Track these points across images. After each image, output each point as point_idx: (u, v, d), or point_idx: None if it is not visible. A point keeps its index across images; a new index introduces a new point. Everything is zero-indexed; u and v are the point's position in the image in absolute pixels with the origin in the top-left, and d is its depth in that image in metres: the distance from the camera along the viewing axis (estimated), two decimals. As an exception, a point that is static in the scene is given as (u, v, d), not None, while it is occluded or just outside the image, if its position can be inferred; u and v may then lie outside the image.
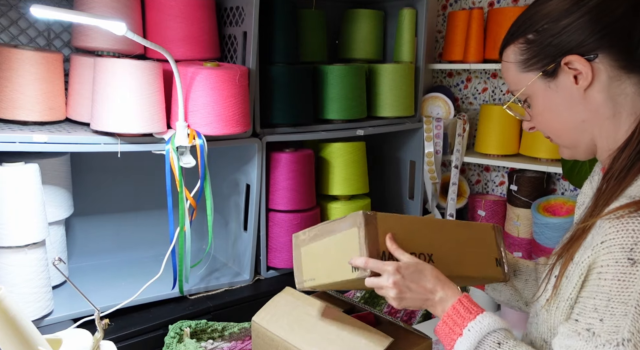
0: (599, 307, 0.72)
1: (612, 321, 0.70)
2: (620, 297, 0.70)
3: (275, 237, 1.78)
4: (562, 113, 0.86)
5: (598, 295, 0.73)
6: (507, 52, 0.91)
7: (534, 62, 0.86)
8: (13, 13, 1.57)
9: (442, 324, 0.89)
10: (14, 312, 0.89)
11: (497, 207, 2.28)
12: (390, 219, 0.99)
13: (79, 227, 1.76)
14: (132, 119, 1.37)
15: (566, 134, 0.89)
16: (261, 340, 1.29)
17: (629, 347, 0.69)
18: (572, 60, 0.81)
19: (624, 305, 0.70)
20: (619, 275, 0.70)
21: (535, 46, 0.85)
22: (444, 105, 2.31)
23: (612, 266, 0.71)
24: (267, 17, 1.73)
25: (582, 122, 0.85)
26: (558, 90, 0.85)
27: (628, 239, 0.70)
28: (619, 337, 0.70)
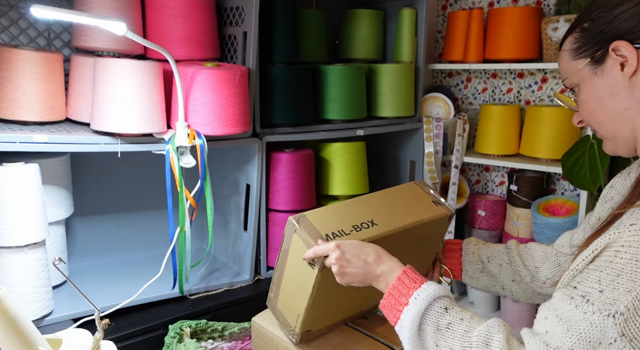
0: (603, 280, 0.71)
1: (612, 294, 0.69)
2: (630, 276, 0.68)
3: (275, 237, 1.78)
4: (605, 100, 0.86)
5: (606, 270, 0.71)
6: (565, 42, 0.93)
7: (584, 49, 0.87)
8: (13, 13, 1.57)
9: (388, 296, 0.90)
10: (14, 312, 0.89)
11: (497, 207, 2.28)
12: (320, 211, 1.07)
13: (79, 227, 1.76)
14: (132, 119, 1.37)
15: (607, 123, 0.88)
16: (261, 340, 1.29)
17: (620, 320, 0.67)
18: (620, 46, 0.82)
19: (632, 283, 0.68)
20: (638, 256, 0.69)
21: (588, 34, 0.87)
22: (444, 105, 2.31)
23: (634, 247, 0.70)
24: (267, 17, 1.73)
25: (624, 111, 0.85)
26: (604, 76, 0.85)
27: None
28: (613, 308, 0.68)
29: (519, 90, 2.29)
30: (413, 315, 0.84)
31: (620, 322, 0.67)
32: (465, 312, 0.84)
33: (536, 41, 2.10)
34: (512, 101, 2.32)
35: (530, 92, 2.26)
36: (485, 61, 2.21)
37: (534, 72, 2.24)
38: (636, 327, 0.67)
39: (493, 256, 1.21)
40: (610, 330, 0.67)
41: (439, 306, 0.85)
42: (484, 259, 1.21)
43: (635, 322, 0.67)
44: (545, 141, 2.03)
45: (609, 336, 0.67)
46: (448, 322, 0.83)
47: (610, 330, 0.67)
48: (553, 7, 2.15)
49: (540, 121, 2.04)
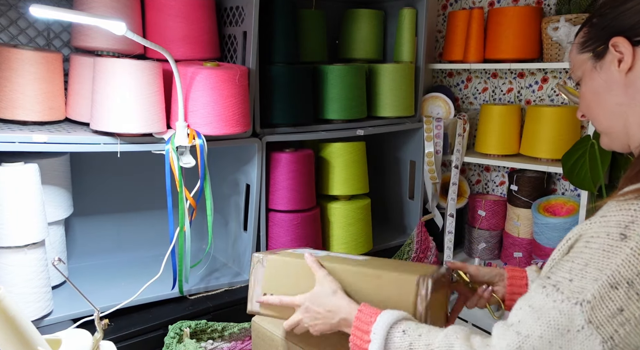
0: (573, 270, 0.73)
1: (580, 283, 0.71)
2: (598, 265, 0.70)
3: (275, 237, 1.78)
4: (602, 95, 0.88)
5: (577, 260, 0.74)
6: (577, 36, 0.95)
7: (589, 43, 0.89)
8: (13, 13, 1.57)
9: (353, 337, 0.93)
10: (13, 312, 0.88)
11: (497, 207, 2.28)
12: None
13: (78, 227, 1.76)
14: (132, 119, 1.37)
15: (602, 118, 0.90)
16: (261, 340, 1.29)
17: (587, 308, 0.69)
18: (618, 42, 0.83)
19: (598, 271, 0.70)
20: (605, 246, 0.71)
21: (594, 29, 0.89)
22: (444, 105, 2.31)
23: (602, 237, 0.72)
24: (267, 17, 1.73)
25: (617, 106, 0.87)
26: (602, 71, 0.87)
27: (627, 216, 0.71)
28: (581, 297, 0.70)
29: (520, 90, 2.29)
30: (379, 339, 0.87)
31: (587, 310, 0.69)
32: (422, 328, 0.86)
33: (536, 41, 2.10)
34: (513, 101, 2.32)
35: (530, 91, 2.26)
36: (486, 61, 2.21)
37: (534, 72, 2.23)
38: (602, 315, 0.69)
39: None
40: (577, 317, 0.69)
41: (397, 331, 0.87)
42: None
43: (601, 309, 0.69)
44: (545, 141, 2.02)
45: (576, 323, 0.69)
46: (409, 343, 0.85)
47: (577, 318, 0.69)
48: (553, 7, 2.14)
49: (540, 121, 2.03)
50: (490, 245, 2.30)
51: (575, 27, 1.91)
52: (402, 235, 2.24)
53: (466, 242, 2.39)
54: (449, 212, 2.23)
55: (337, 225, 1.92)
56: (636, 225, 0.70)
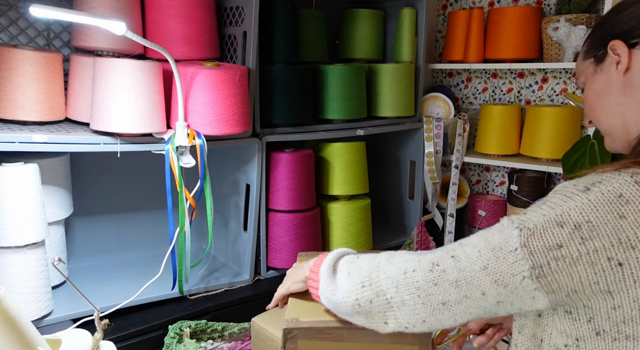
0: (531, 208, 0.76)
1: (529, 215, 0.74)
2: (552, 204, 0.73)
3: (275, 237, 1.78)
4: (602, 96, 0.92)
5: (539, 203, 0.77)
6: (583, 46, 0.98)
7: (591, 50, 0.93)
8: (12, 13, 1.57)
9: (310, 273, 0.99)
10: (13, 312, 0.88)
11: (497, 207, 2.28)
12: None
13: (78, 227, 1.76)
14: (132, 119, 1.37)
15: (603, 118, 0.93)
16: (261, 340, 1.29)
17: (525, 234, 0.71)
18: (615, 45, 0.87)
19: (550, 209, 0.72)
20: (567, 193, 0.73)
21: (595, 36, 0.93)
22: (444, 105, 2.31)
23: (568, 188, 0.75)
24: (267, 17, 1.73)
25: (616, 105, 0.90)
26: (602, 74, 0.91)
27: (596, 177, 0.74)
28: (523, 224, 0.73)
29: (520, 90, 2.29)
30: (326, 265, 0.94)
31: (525, 235, 0.71)
32: (365, 255, 0.92)
33: (537, 41, 2.10)
34: (513, 101, 2.32)
35: (530, 91, 2.26)
36: (486, 61, 2.21)
37: (534, 72, 2.23)
38: (539, 244, 0.71)
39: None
40: (513, 239, 0.72)
41: (353, 254, 0.96)
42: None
43: (539, 239, 0.71)
44: (545, 141, 2.02)
45: (510, 243, 0.72)
46: (358, 255, 0.92)
47: (513, 240, 0.72)
48: (553, 7, 2.14)
49: (540, 121, 2.03)
50: (490, 245, 2.30)
51: (575, 27, 1.91)
52: (402, 235, 2.24)
53: (466, 242, 2.39)
54: (449, 212, 2.23)
55: (337, 225, 1.92)
56: (603, 184, 0.72)
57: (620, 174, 0.73)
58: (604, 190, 0.71)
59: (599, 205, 0.70)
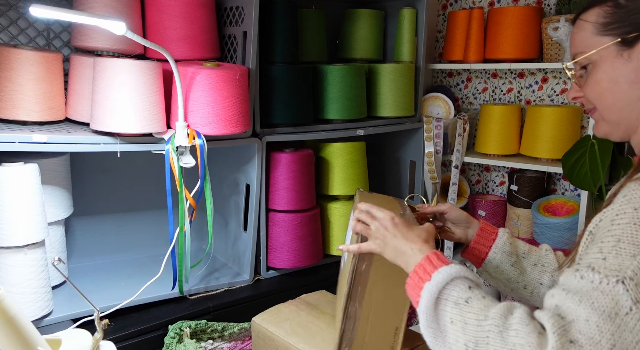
0: (604, 248, 0.67)
1: (616, 260, 0.65)
2: (632, 239, 0.65)
3: (275, 237, 1.78)
4: (622, 85, 0.82)
5: (606, 238, 0.68)
6: (589, 12, 0.87)
7: (615, 26, 0.82)
8: (12, 13, 1.57)
9: (413, 273, 0.85)
10: (13, 312, 0.88)
11: (497, 207, 2.28)
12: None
13: (78, 227, 1.76)
14: (132, 119, 1.37)
15: (615, 109, 0.85)
16: (261, 340, 1.29)
17: (630, 285, 0.63)
18: None
19: (634, 246, 0.65)
20: (635, 220, 0.66)
21: (623, 12, 0.82)
22: (444, 105, 2.31)
23: (628, 213, 0.67)
24: (267, 17, 1.73)
25: (637, 100, 0.82)
26: (630, 60, 0.82)
27: None
28: (620, 274, 0.63)
29: (520, 90, 2.29)
30: (432, 287, 0.79)
31: (632, 288, 0.63)
32: (488, 294, 0.78)
33: (537, 41, 2.10)
34: (513, 101, 2.32)
35: (530, 91, 2.26)
36: (486, 61, 2.21)
37: (534, 72, 2.23)
38: None
39: (530, 253, 1.13)
40: (622, 298, 0.63)
41: (462, 283, 0.78)
42: (520, 253, 1.13)
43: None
44: (545, 141, 2.02)
45: (622, 305, 0.63)
46: (468, 296, 0.76)
47: (622, 298, 0.63)
48: (553, 7, 2.14)
49: (540, 121, 2.03)
50: (490, 245, 2.30)
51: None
52: (402, 235, 2.24)
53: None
54: (449, 212, 2.23)
55: (337, 225, 1.92)
56: None
57: None
58: None
59: None
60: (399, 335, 1.03)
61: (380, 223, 0.95)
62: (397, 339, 1.02)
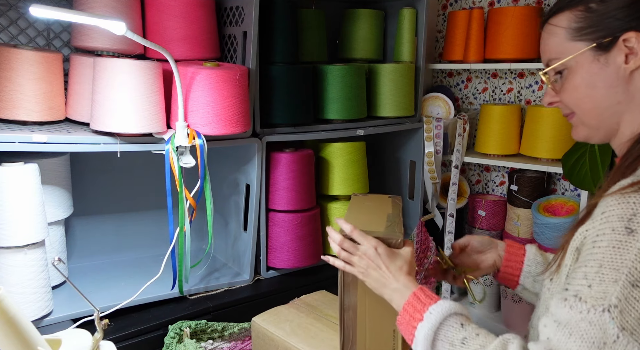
0: (588, 274, 0.69)
1: (600, 287, 0.67)
2: (612, 264, 0.67)
3: (275, 237, 1.78)
4: (600, 90, 0.82)
5: (589, 262, 0.70)
6: (559, 17, 0.85)
7: (589, 31, 0.81)
8: (12, 13, 1.57)
9: (403, 312, 0.88)
10: (13, 312, 0.88)
11: (497, 207, 2.28)
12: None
13: (78, 227, 1.76)
14: (132, 119, 1.37)
15: (595, 113, 0.84)
16: (261, 340, 1.29)
17: (615, 313, 0.65)
18: (632, 38, 0.78)
19: (615, 271, 0.67)
20: (614, 243, 0.68)
21: (596, 16, 0.81)
22: (444, 105, 2.31)
23: (607, 234, 0.69)
24: (267, 17, 1.73)
25: (616, 104, 0.82)
26: (607, 65, 0.81)
27: (628, 210, 0.68)
28: (605, 302, 0.66)
29: (520, 90, 2.29)
30: (427, 330, 0.82)
31: (617, 316, 0.65)
32: (481, 329, 0.81)
33: (536, 41, 2.09)
34: (513, 101, 2.32)
35: (530, 91, 2.26)
36: (486, 61, 2.21)
37: (534, 72, 2.23)
38: (632, 318, 0.65)
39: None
40: (609, 326, 0.65)
41: (454, 321, 0.82)
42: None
43: (630, 312, 0.65)
44: (545, 141, 2.02)
45: (610, 333, 0.65)
46: (463, 337, 0.79)
47: (609, 327, 0.65)
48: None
49: (540, 121, 2.03)
50: (490, 245, 2.30)
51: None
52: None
53: (466, 242, 2.39)
54: (449, 212, 2.23)
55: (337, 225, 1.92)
56: (639, 217, 0.67)
57: None
58: None
59: None
60: (397, 337, 1.04)
61: (363, 253, 0.96)
62: (397, 341, 1.03)
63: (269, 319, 1.30)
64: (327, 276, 1.85)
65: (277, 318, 1.31)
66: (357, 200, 1.23)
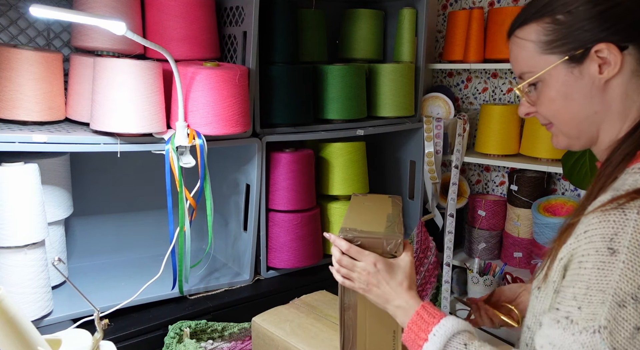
0: (577, 295, 0.71)
1: (589, 309, 0.69)
2: (598, 286, 0.69)
3: (275, 237, 1.78)
4: (577, 101, 0.82)
5: (577, 284, 0.72)
6: (526, 30, 0.84)
7: (559, 44, 0.80)
8: (13, 13, 1.57)
9: (408, 330, 0.90)
10: (13, 312, 0.88)
11: (497, 207, 2.28)
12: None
13: (78, 227, 1.76)
14: (132, 119, 1.37)
15: (573, 124, 0.84)
16: (261, 340, 1.29)
17: (605, 334, 0.67)
18: (604, 49, 0.77)
19: (601, 293, 0.68)
20: (598, 264, 0.69)
21: (564, 28, 0.80)
22: (444, 105, 2.31)
23: (592, 255, 0.70)
24: (267, 17, 1.73)
25: (594, 114, 0.82)
26: (581, 77, 0.80)
27: (609, 229, 0.69)
28: (595, 324, 0.68)
29: (519, 90, 2.29)
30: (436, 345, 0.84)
31: (606, 336, 0.67)
32: (485, 347, 0.83)
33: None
34: (513, 101, 2.32)
35: (530, 92, 2.26)
36: (486, 61, 2.21)
37: (534, 72, 2.23)
38: (622, 337, 0.67)
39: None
40: (600, 347, 0.67)
41: (458, 342, 0.84)
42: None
43: (619, 332, 0.67)
44: (545, 141, 2.02)
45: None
46: None
47: (601, 348, 0.67)
48: (553, 7, 2.14)
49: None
50: (490, 245, 2.30)
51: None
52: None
53: (466, 242, 2.39)
54: (449, 212, 2.23)
55: (337, 225, 1.92)
56: (620, 236, 0.68)
57: (625, 214, 0.69)
58: (630, 245, 0.67)
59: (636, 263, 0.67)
60: (397, 338, 1.04)
61: (362, 270, 0.97)
62: (397, 341, 1.03)
63: (269, 319, 1.31)
64: (327, 276, 1.83)
65: (277, 318, 1.31)
66: (357, 201, 1.24)
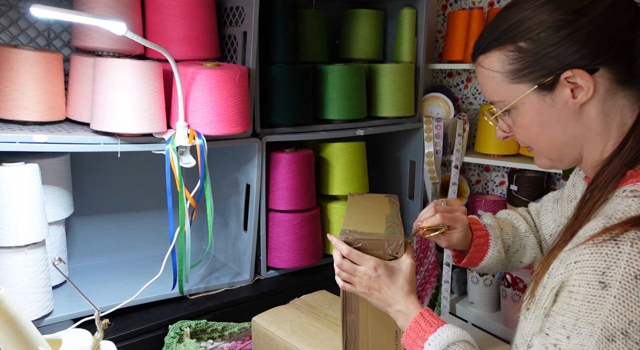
0: (567, 325, 0.71)
1: (578, 340, 0.70)
2: (588, 318, 0.69)
3: (275, 237, 1.78)
4: (554, 128, 0.81)
5: (567, 313, 0.72)
6: (490, 58, 0.84)
7: (526, 73, 0.79)
8: (13, 13, 1.57)
9: (406, 336, 0.93)
10: (13, 312, 0.89)
11: (497, 207, 2.28)
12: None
13: (79, 227, 1.76)
14: (132, 119, 1.37)
15: (554, 149, 0.85)
16: (261, 340, 1.29)
17: None
18: (574, 75, 0.76)
19: (590, 325, 0.69)
20: (589, 297, 0.69)
21: (529, 56, 0.78)
22: (444, 105, 2.31)
23: (583, 287, 0.70)
24: (267, 17, 1.73)
25: (573, 138, 0.81)
26: (553, 104, 0.80)
27: (601, 262, 0.69)
28: None
29: (519, 90, 2.29)
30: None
31: None
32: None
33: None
34: (512, 101, 2.32)
35: (530, 92, 2.26)
36: (486, 61, 2.20)
37: (534, 72, 2.23)
38: None
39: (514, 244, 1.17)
40: None
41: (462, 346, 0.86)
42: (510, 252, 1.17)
43: None
44: (545, 141, 2.02)
45: None
46: None
47: None
48: (553, 7, 2.14)
49: (540, 121, 2.04)
50: (490, 245, 2.30)
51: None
52: (402, 235, 2.24)
53: (466, 242, 2.39)
54: (449, 212, 2.23)
55: (337, 225, 1.92)
56: (612, 270, 0.67)
57: (619, 246, 0.68)
58: (621, 278, 0.67)
59: (628, 298, 0.66)
60: (399, 339, 1.05)
61: (363, 274, 0.98)
62: (399, 343, 1.04)
63: (269, 319, 1.31)
64: (327, 276, 1.85)
65: (277, 318, 1.31)
66: (355, 201, 1.24)
